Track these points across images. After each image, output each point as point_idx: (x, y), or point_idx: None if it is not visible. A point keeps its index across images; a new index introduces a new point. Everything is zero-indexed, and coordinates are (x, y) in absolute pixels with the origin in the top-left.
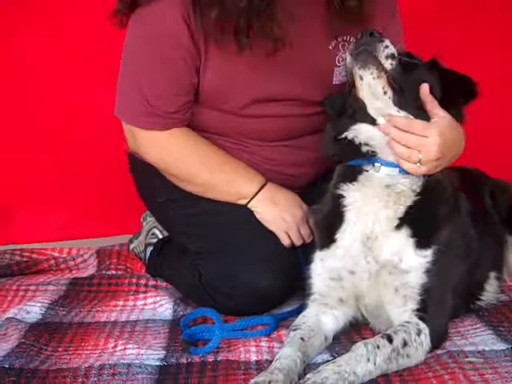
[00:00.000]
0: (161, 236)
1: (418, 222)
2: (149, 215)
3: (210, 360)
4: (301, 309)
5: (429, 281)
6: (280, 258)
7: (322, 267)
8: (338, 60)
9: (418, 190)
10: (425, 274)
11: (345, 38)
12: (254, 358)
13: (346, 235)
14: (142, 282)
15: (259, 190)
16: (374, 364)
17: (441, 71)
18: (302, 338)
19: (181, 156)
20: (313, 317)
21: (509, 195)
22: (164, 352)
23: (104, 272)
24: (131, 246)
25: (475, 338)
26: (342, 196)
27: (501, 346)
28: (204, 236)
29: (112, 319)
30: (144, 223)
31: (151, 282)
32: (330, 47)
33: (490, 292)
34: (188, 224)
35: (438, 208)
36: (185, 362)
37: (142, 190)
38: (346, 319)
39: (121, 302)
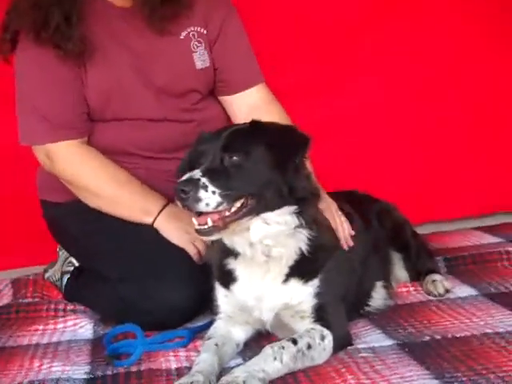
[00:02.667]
0: (77, 264)
1: (304, 267)
2: None
3: (134, 370)
4: (211, 323)
5: (320, 300)
6: (191, 274)
7: (227, 300)
8: (193, 47)
9: (299, 252)
10: (315, 298)
11: (193, 29)
12: (174, 365)
13: (241, 291)
14: (60, 307)
15: (163, 207)
16: (281, 362)
17: (263, 132)
18: (216, 345)
19: (89, 167)
20: (223, 328)
21: (392, 217)
22: (89, 367)
23: (20, 300)
24: (46, 275)
25: (367, 337)
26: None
27: (388, 342)
28: (119, 263)
29: (34, 342)
30: (60, 253)
31: (69, 307)
32: (182, 37)
33: (377, 299)
34: (102, 253)
35: (317, 255)
36: (110, 373)
37: (57, 231)
38: (252, 331)
39: (41, 327)
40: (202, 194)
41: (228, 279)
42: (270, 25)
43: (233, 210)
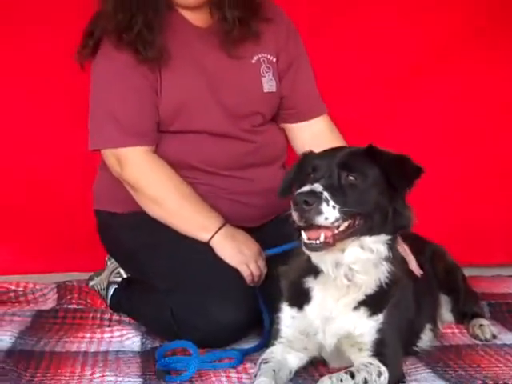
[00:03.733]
0: (125, 275)
1: (374, 301)
2: None
3: None
4: (262, 345)
5: (381, 336)
6: (243, 294)
7: (293, 323)
8: (263, 71)
9: (379, 284)
10: (377, 332)
11: (263, 55)
12: None
13: (312, 310)
14: (106, 316)
15: (222, 226)
16: None
17: (379, 157)
18: (273, 370)
19: (156, 176)
20: (280, 354)
21: (444, 262)
22: (141, 379)
23: (66, 306)
24: (91, 283)
25: (417, 375)
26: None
27: (440, 383)
28: (172, 276)
29: (82, 349)
30: (109, 262)
31: (115, 317)
32: (253, 61)
33: (425, 340)
34: (157, 267)
35: (391, 288)
36: None
37: (110, 242)
38: (307, 359)
39: (88, 334)
40: (324, 207)
41: (302, 298)
42: None
43: (341, 228)
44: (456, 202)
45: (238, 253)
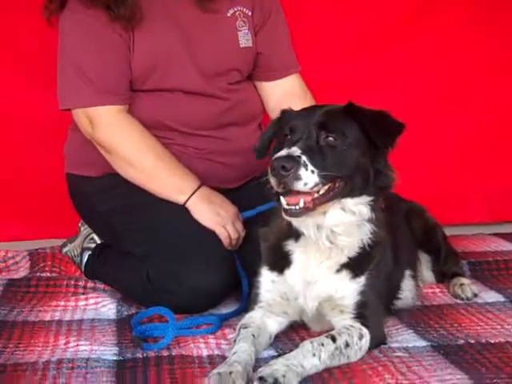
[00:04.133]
0: (99, 241)
1: (356, 263)
2: None
3: (165, 355)
4: (240, 310)
5: (363, 298)
6: (219, 257)
7: (273, 287)
8: (238, 26)
9: (361, 246)
10: (359, 295)
11: (239, 8)
12: (205, 353)
13: (293, 274)
14: (80, 283)
15: (198, 188)
16: (319, 359)
17: (359, 114)
18: (253, 335)
19: (130, 137)
20: (259, 318)
21: (423, 220)
22: (117, 348)
23: (39, 274)
24: (64, 250)
25: (398, 336)
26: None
27: (421, 343)
28: (148, 240)
29: (56, 318)
30: (82, 228)
31: (89, 284)
32: (229, 14)
33: (406, 291)
34: (131, 230)
35: (373, 250)
36: (140, 356)
37: (83, 207)
38: (287, 323)
39: (62, 303)
40: (302, 172)
41: (282, 262)
42: None
43: (321, 191)
44: (436, 161)
45: (214, 214)
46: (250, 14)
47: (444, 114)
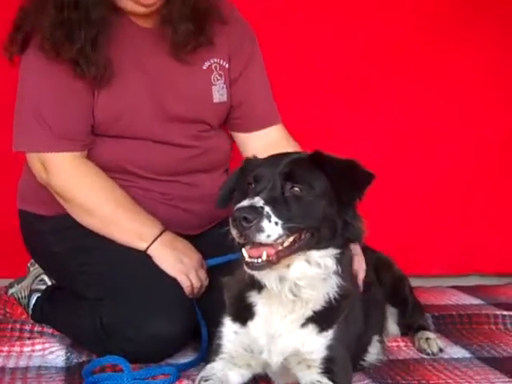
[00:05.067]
0: (49, 283)
1: (323, 317)
2: None
3: None
4: (199, 360)
5: (330, 353)
6: (180, 305)
7: (236, 338)
8: (213, 79)
9: (327, 299)
10: (327, 349)
11: (215, 60)
12: None
13: (256, 327)
14: (27, 327)
15: (160, 234)
16: None
17: (326, 165)
18: None
19: (87, 184)
20: (220, 371)
21: (391, 271)
22: None
23: None
24: (11, 291)
25: None
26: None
27: None
28: (105, 284)
29: None
30: (32, 268)
31: (37, 328)
32: (204, 67)
33: (373, 354)
34: (87, 273)
35: (340, 304)
36: None
37: (35, 246)
38: (250, 376)
39: (5, 348)
40: (265, 224)
41: (245, 314)
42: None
43: (286, 244)
44: (397, 210)
45: (177, 262)
46: (226, 66)
47: (408, 165)
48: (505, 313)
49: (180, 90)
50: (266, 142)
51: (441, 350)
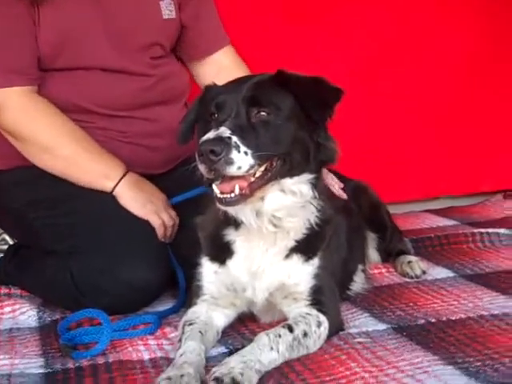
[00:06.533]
0: (11, 242)
1: (306, 245)
2: None
3: (101, 362)
4: (178, 306)
5: (318, 282)
6: (155, 250)
7: (216, 278)
8: None
9: (309, 226)
10: (314, 279)
11: None
12: (146, 356)
13: (236, 265)
14: None
15: (125, 174)
16: (278, 352)
17: (292, 84)
18: (200, 332)
19: (43, 120)
20: (204, 313)
21: (368, 196)
22: (42, 359)
23: None
24: None
25: (355, 321)
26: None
27: (381, 326)
28: (72, 235)
29: None
30: None
31: (3, 291)
32: None
33: (358, 282)
34: (53, 225)
35: (323, 229)
36: (72, 366)
37: None
38: (235, 316)
39: None
40: (234, 155)
41: (223, 252)
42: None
43: (258, 174)
44: (369, 134)
45: (146, 201)
46: None
47: (378, 89)
48: (482, 230)
49: (127, 10)
50: (219, 66)
51: (424, 272)
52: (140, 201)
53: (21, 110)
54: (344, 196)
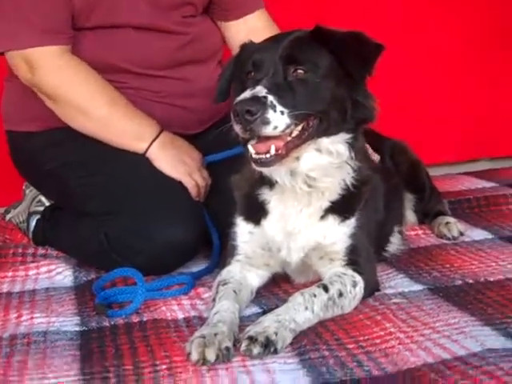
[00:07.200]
0: (48, 203)
1: (342, 206)
2: None
3: (136, 321)
4: (213, 267)
5: (354, 242)
6: (190, 210)
7: (251, 238)
8: None
9: (345, 187)
10: (350, 238)
11: None
12: (180, 315)
13: (272, 225)
14: (29, 251)
15: (159, 134)
16: (312, 312)
17: (329, 40)
18: (234, 291)
19: (78, 80)
20: (238, 273)
21: (407, 156)
22: (78, 318)
23: None
24: (8, 216)
25: (391, 282)
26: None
27: (417, 287)
28: (106, 195)
29: (4, 291)
30: (27, 191)
31: (40, 251)
32: None
33: (394, 243)
34: (88, 186)
35: (360, 190)
36: (107, 324)
37: (28, 165)
38: (269, 276)
39: (9, 273)
40: (270, 114)
41: (258, 212)
42: None
43: (294, 134)
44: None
45: (179, 162)
46: None
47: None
48: None
49: None
50: (250, 28)
51: (461, 234)
52: (173, 161)
53: (55, 71)
54: (376, 156)
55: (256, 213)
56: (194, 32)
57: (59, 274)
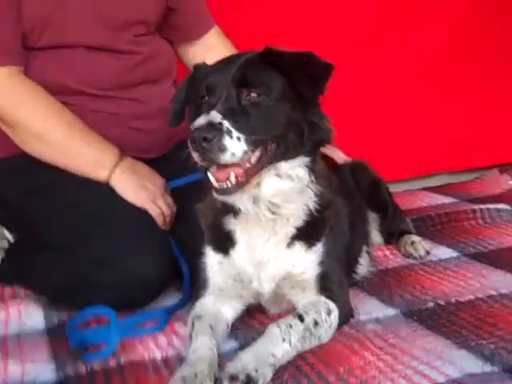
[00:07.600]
0: (10, 237)
1: (308, 232)
2: None
3: (113, 365)
4: (186, 299)
5: (324, 269)
6: (157, 240)
7: (221, 269)
8: None
9: (308, 212)
10: (319, 266)
11: None
12: (158, 355)
13: (240, 256)
14: None
15: (120, 160)
16: (290, 344)
17: (279, 61)
18: (210, 326)
19: (33, 104)
20: (212, 306)
21: (368, 176)
22: (54, 363)
23: None
24: None
25: (364, 306)
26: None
27: (390, 311)
28: (73, 229)
29: None
30: None
31: (7, 291)
32: None
33: (364, 265)
34: (51, 218)
35: (323, 215)
36: (84, 371)
37: None
38: (243, 308)
39: None
40: (227, 141)
41: (225, 242)
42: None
43: (253, 160)
44: (361, 115)
45: (141, 188)
46: None
47: (373, 65)
48: (482, 206)
49: None
50: (205, 47)
51: (428, 253)
52: (135, 187)
53: (8, 92)
54: (345, 158)
55: (224, 242)
56: (146, 51)
57: (29, 315)
